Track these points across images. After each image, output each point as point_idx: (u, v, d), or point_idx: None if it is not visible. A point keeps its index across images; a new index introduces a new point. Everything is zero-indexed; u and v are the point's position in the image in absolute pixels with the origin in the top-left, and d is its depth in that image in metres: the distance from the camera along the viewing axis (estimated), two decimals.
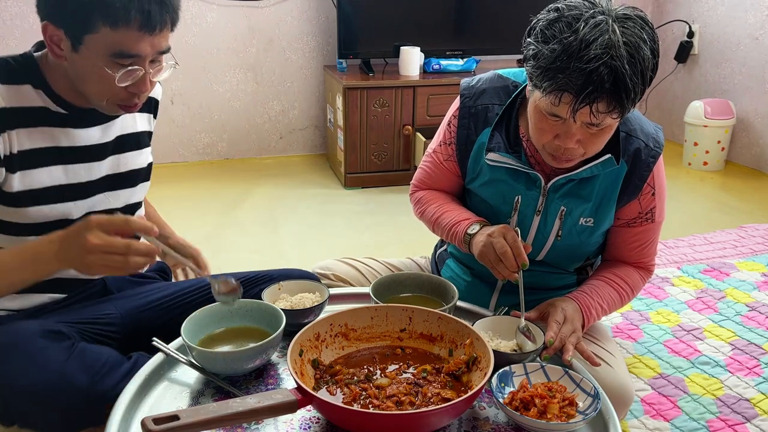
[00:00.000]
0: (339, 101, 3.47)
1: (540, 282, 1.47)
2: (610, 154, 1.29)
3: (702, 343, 1.96)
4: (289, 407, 0.97)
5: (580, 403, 1.06)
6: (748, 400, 1.71)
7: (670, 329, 2.04)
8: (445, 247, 1.62)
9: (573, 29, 1.13)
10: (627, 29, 1.13)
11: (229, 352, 1.16)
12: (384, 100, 3.42)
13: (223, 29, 3.69)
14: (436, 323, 1.19)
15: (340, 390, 1.07)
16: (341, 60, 3.61)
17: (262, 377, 1.16)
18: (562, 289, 1.48)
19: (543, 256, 1.44)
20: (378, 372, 1.12)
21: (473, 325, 1.17)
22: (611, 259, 1.49)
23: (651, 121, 1.41)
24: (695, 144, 3.82)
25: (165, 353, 1.16)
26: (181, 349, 1.19)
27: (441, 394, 1.05)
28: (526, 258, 1.25)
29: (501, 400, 1.05)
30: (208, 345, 1.18)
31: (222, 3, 3.63)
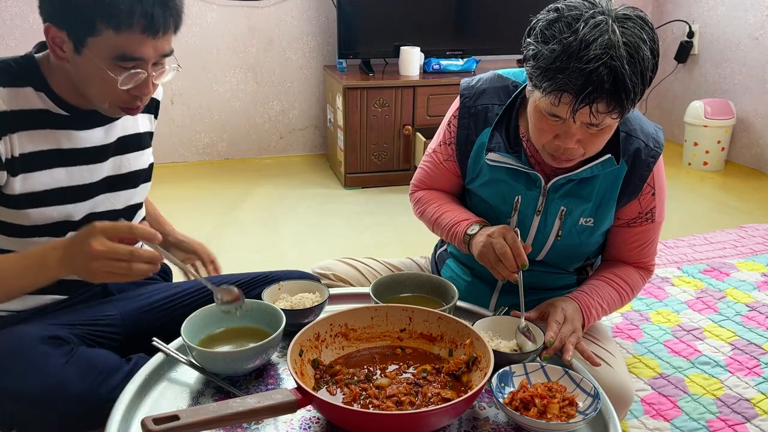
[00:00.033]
0: (339, 101, 3.47)
1: (540, 282, 1.47)
2: (610, 154, 1.29)
3: (702, 343, 1.96)
4: (289, 407, 0.98)
5: (580, 403, 1.06)
6: (748, 400, 1.71)
7: (670, 329, 2.04)
8: (445, 247, 1.62)
9: (573, 29, 1.13)
10: (627, 29, 1.13)
11: (229, 352, 1.16)
12: (384, 100, 3.42)
13: (223, 29, 3.69)
14: (436, 323, 1.19)
15: (340, 390, 1.07)
16: (341, 60, 3.61)
17: (262, 377, 1.16)
18: (562, 289, 1.48)
19: (543, 256, 1.44)
20: (378, 372, 1.12)
21: (473, 325, 1.17)
22: (611, 259, 1.49)
23: (651, 121, 1.41)
24: (695, 144, 3.82)
25: (165, 353, 1.17)
26: (181, 349, 1.19)
27: (441, 394, 1.05)
28: (525, 258, 1.25)
29: (501, 400, 1.05)
30: (208, 345, 1.18)
31: (222, 3, 3.64)
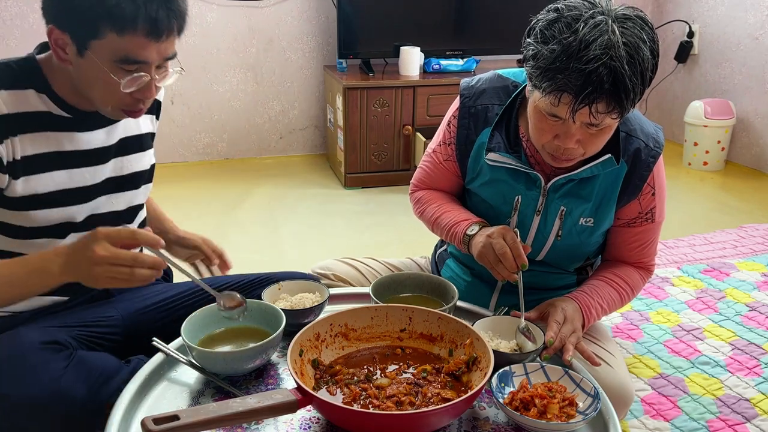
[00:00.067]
0: (339, 101, 3.47)
1: (540, 282, 1.47)
2: (610, 154, 1.30)
3: (702, 343, 1.96)
4: (289, 407, 0.98)
5: (580, 403, 1.06)
6: (748, 400, 1.71)
7: (670, 329, 2.04)
8: (445, 247, 1.62)
9: (572, 30, 1.13)
10: (627, 30, 1.13)
11: (229, 352, 1.16)
12: (384, 100, 3.42)
13: (223, 29, 3.69)
14: (436, 323, 1.19)
15: (340, 390, 1.07)
16: (341, 60, 3.61)
17: (262, 377, 1.16)
18: (562, 289, 1.48)
19: (543, 256, 1.44)
20: (378, 372, 1.12)
21: (473, 325, 1.17)
22: (611, 259, 1.49)
23: (651, 121, 1.41)
24: (695, 144, 3.82)
25: (165, 353, 1.17)
26: (181, 349, 1.19)
27: (441, 394, 1.05)
28: (525, 259, 1.25)
29: (501, 400, 1.05)
30: (208, 345, 1.18)
31: (222, 3, 3.64)
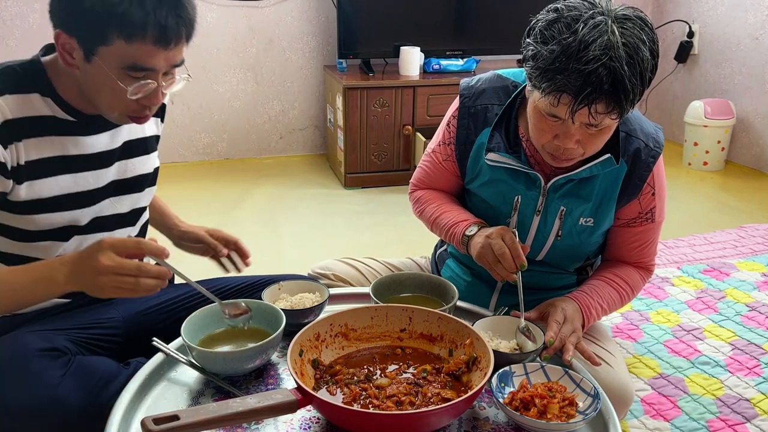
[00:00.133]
0: (339, 101, 3.47)
1: (540, 282, 1.47)
2: (609, 153, 1.29)
3: (702, 343, 1.96)
4: (289, 407, 0.98)
5: (580, 403, 1.06)
6: (748, 400, 1.71)
7: (670, 329, 2.04)
8: (445, 247, 1.62)
9: (572, 30, 1.13)
10: (626, 30, 1.13)
11: (229, 352, 1.16)
12: (384, 100, 3.42)
13: (223, 29, 3.69)
14: (436, 323, 1.19)
15: (340, 390, 1.07)
16: (341, 60, 3.61)
17: (262, 377, 1.16)
18: (562, 289, 1.48)
19: (543, 256, 1.44)
20: (378, 372, 1.12)
21: (473, 325, 1.17)
22: (611, 259, 1.49)
23: (651, 121, 1.41)
24: (695, 144, 3.82)
25: (165, 353, 1.17)
26: (181, 349, 1.19)
27: (441, 394, 1.05)
28: (524, 259, 1.25)
29: (501, 400, 1.05)
30: (208, 345, 1.18)
31: (222, 3, 3.64)
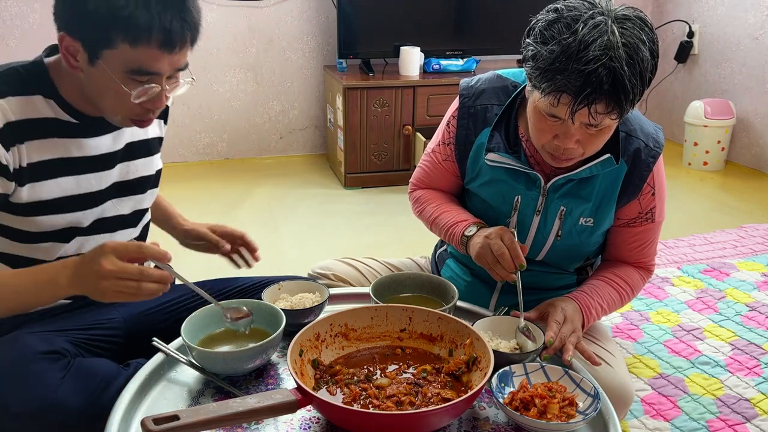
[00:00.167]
0: (339, 101, 3.47)
1: (540, 282, 1.47)
2: (609, 153, 1.29)
3: (702, 343, 1.96)
4: (289, 407, 0.98)
5: (580, 403, 1.06)
6: (748, 400, 1.71)
7: (670, 329, 2.04)
8: (445, 247, 1.62)
9: (572, 30, 1.12)
10: (626, 30, 1.13)
11: (229, 352, 1.16)
12: (384, 100, 3.42)
13: (223, 29, 3.69)
14: (436, 323, 1.19)
15: (340, 390, 1.07)
16: (341, 60, 3.61)
17: (262, 377, 1.16)
18: (562, 289, 1.48)
19: (543, 256, 1.44)
20: (378, 372, 1.12)
21: (473, 325, 1.17)
22: (611, 259, 1.49)
23: (651, 121, 1.41)
24: (695, 144, 3.82)
25: (165, 353, 1.17)
26: (181, 349, 1.19)
27: (441, 394, 1.05)
28: (523, 259, 1.25)
29: (501, 400, 1.05)
30: (208, 345, 1.18)
31: (222, 3, 3.64)
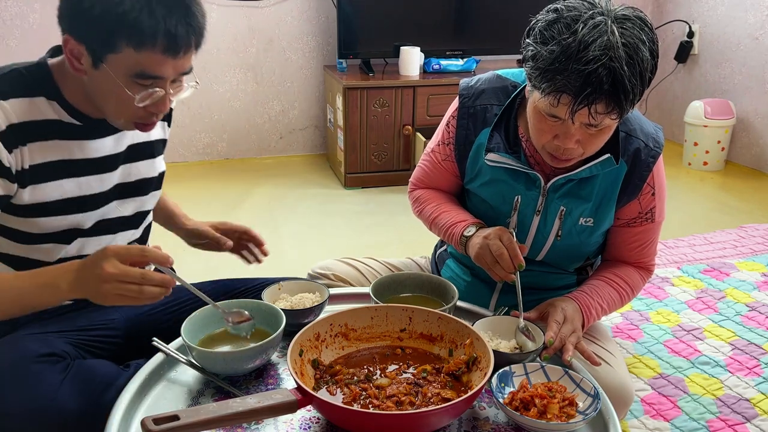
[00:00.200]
0: (339, 101, 3.47)
1: (540, 282, 1.47)
2: (609, 153, 1.29)
3: (702, 343, 1.96)
4: (289, 407, 0.98)
5: (580, 403, 1.06)
6: (748, 400, 1.71)
7: (670, 329, 2.04)
8: (445, 247, 1.62)
9: (572, 30, 1.12)
10: (626, 30, 1.13)
11: (229, 352, 1.16)
12: (384, 100, 3.42)
13: (223, 29, 3.69)
14: (436, 323, 1.19)
15: (340, 390, 1.07)
16: (341, 60, 3.61)
17: (262, 377, 1.16)
18: (562, 289, 1.48)
19: (543, 256, 1.44)
20: (378, 372, 1.12)
21: (473, 325, 1.17)
22: (611, 259, 1.49)
23: (651, 121, 1.41)
24: (695, 144, 3.82)
25: (165, 353, 1.17)
26: (181, 349, 1.19)
27: (441, 394, 1.05)
28: (522, 259, 1.25)
29: (501, 400, 1.05)
30: (208, 345, 1.18)
31: (222, 3, 3.64)
